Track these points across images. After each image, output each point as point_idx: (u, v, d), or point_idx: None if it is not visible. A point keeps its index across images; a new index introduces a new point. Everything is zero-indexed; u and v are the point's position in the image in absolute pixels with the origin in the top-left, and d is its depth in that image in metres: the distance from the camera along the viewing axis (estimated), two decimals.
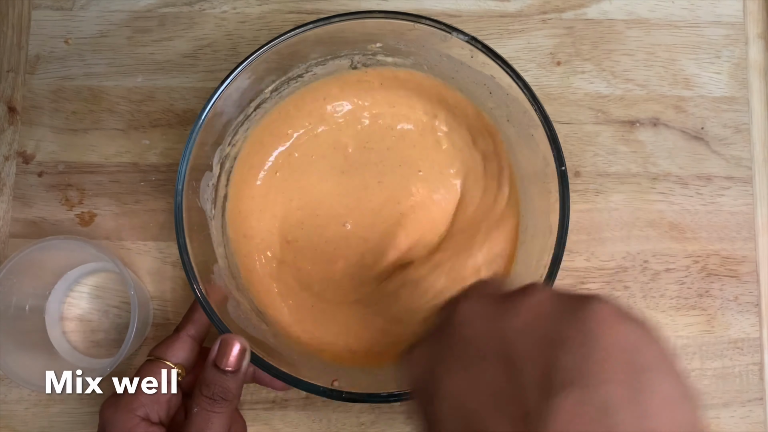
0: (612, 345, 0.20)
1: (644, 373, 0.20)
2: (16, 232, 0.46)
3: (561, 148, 0.37)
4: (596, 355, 0.20)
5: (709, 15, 0.48)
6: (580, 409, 0.19)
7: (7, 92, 0.48)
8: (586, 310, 0.21)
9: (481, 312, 0.23)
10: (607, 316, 0.21)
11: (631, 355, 0.20)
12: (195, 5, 0.48)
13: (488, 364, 0.22)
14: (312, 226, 0.44)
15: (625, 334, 0.21)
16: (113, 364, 0.40)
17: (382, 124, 0.45)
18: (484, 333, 0.22)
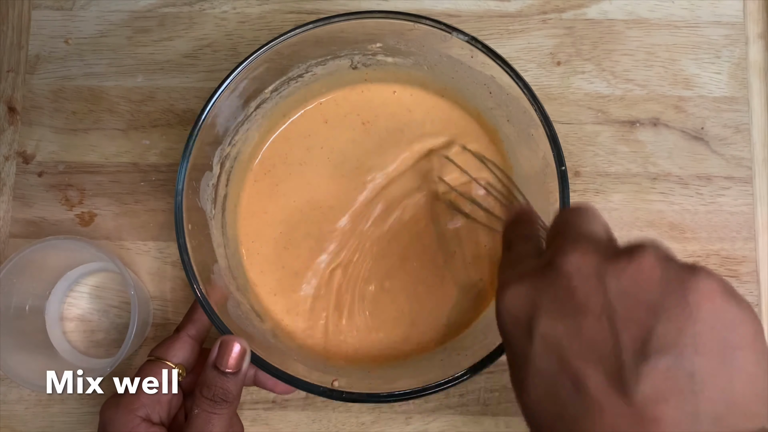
0: (709, 320, 0.22)
1: (735, 350, 0.22)
2: (16, 232, 0.46)
3: (561, 148, 0.37)
4: (693, 328, 0.21)
5: (709, 15, 0.48)
6: (670, 374, 0.21)
7: (7, 92, 0.48)
8: (690, 283, 0.22)
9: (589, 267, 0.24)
10: (710, 291, 0.22)
11: (726, 332, 0.22)
12: (195, 5, 0.48)
13: (590, 318, 0.23)
14: (312, 225, 0.44)
15: (724, 311, 0.22)
16: (113, 364, 0.40)
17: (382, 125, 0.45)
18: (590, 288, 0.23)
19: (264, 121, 0.44)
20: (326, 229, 0.44)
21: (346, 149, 0.45)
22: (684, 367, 0.21)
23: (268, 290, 0.44)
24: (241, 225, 0.44)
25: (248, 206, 0.44)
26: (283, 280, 0.44)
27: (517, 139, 0.42)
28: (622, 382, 0.21)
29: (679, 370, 0.21)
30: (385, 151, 0.45)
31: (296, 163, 0.45)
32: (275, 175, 0.45)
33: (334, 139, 0.45)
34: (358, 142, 0.45)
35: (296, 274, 0.44)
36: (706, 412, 0.21)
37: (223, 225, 0.42)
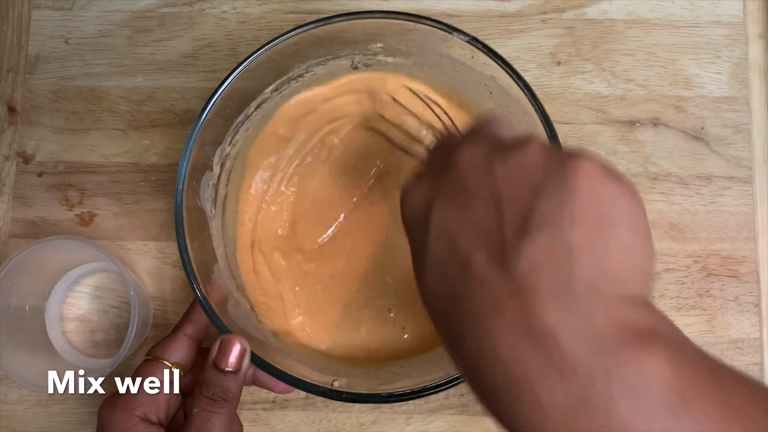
0: (587, 196, 0.23)
1: (612, 223, 0.23)
2: (16, 232, 0.46)
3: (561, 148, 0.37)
4: (571, 204, 0.23)
5: (709, 15, 0.48)
6: (548, 247, 0.22)
7: (7, 92, 0.48)
8: (571, 164, 0.23)
9: (480, 158, 0.26)
10: (589, 171, 0.23)
11: (603, 207, 0.23)
12: (195, 5, 0.48)
13: (478, 203, 0.24)
14: (312, 225, 0.44)
15: (603, 188, 0.23)
16: (113, 364, 0.40)
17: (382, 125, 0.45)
18: (480, 177, 0.25)
19: (264, 121, 0.44)
20: (326, 228, 0.44)
21: (347, 149, 0.45)
22: (561, 239, 0.22)
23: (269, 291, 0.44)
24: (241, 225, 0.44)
25: (248, 206, 0.44)
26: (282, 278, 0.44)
27: None
28: (504, 257, 0.22)
29: (556, 242, 0.22)
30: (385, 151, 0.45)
31: (297, 163, 0.45)
32: (275, 174, 0.45)
33: (335, 139, 0.45)
34: (358, 141, 0.45)
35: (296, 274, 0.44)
36: (581, 280, 0.21)
37: (223, 225, 0.42)
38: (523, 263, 0.22)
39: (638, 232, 0.23)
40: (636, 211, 0.24)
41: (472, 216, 0.24)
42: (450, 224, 0.25)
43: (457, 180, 0.26)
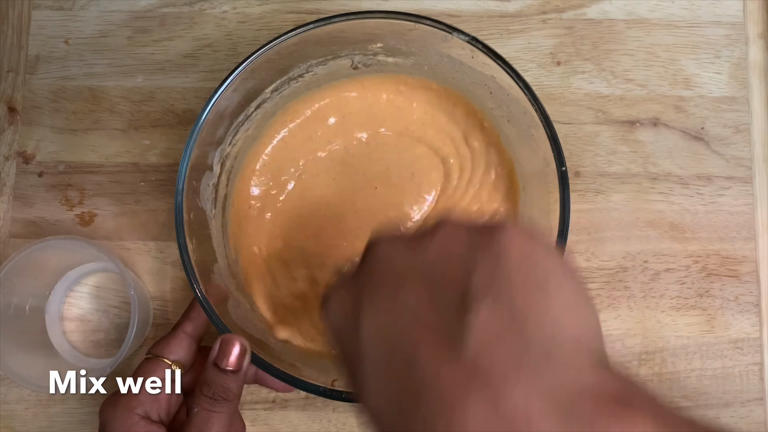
0: (518, 260, 0.22)
1: (547, 282, 0.22)
2: (16, 232, 0.46)
3: (561, 149, 0.37)
4: (504, 271, 0.22)
5: (709, 15, 0.48)
6: (493, 317, 0.21)
7: (7, 92, 0.48)
8: (494, 233, 0.23)
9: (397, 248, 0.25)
10: (512, 237, 0.23)
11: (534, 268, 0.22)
12: (195, 5, 0.48)
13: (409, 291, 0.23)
14: (313, 225, 0.44)
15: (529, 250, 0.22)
16: (113, 364, 0.40)
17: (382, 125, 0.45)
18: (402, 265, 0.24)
19: (264, 121, 0.44)
20: (327, 228, 0.44)
21: (347, 149, 0.45)
22: (503, 305, 0.21)
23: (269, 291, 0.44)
24: (241, 225, 0.44)
25: (248, 206, 0.44)
26: (282, 279, 0.44)
27: (517, 139, 0.42)
28: (450, 342, 0.21)
29: (498, 311, 0.21)
30: (385, 151, 0.45)
31: (297, 163, 0.45)
32: (276, 175, 0.45)
33: (335, 139, 0.45)
34: (358, 141, 0.45)
35: (296, 274, 0.44)
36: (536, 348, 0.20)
37: (223, 225, 0.42)
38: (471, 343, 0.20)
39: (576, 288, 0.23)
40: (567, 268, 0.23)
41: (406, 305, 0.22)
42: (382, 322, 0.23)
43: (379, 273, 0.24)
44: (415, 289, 0.23)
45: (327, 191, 0.44)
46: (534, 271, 0.22)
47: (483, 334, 0.20)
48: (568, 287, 0.22)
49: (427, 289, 0.22)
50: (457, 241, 0.23)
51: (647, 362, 0.44)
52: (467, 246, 0.23)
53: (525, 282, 0.22)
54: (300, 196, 0.44)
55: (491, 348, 0.20)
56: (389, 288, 0.23)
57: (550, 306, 0.21)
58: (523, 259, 0.22)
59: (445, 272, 0.23)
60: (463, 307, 0.21)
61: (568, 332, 0.21)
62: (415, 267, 0.23)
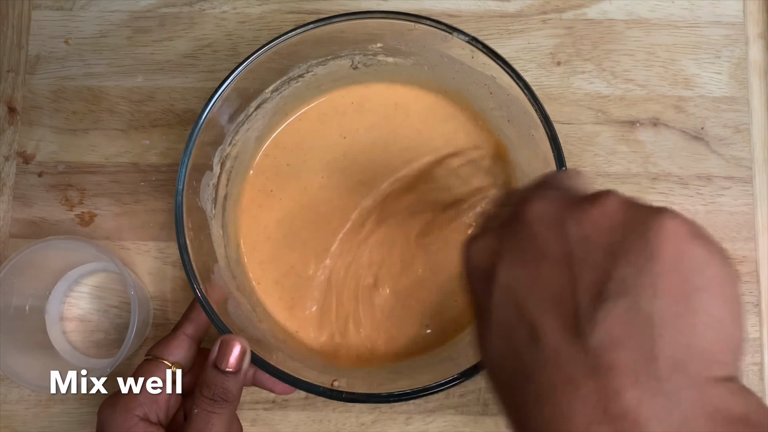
0: (672, 262, 0.20)
1: (700, 292, 0.20)
2: (16, 232, 0.46)
3: (561, 149, 0.37)
4: (654, 270, 0.20)
5: (709, 15, 0.48)
6: (627, 318, 0.20)
7: (7, 92, 0.48)
8: (654, 223, 0.21)
9: (552, 214, 0.23)
10: (674, 232, 0.21)
11: (689, 274, 0.20)
12: (195, 5, 0.48)
13: (549, 264, 0.22)
14: (313, 225, 0.44)
15: (689, 253, 0.21)
16: (113, 364, 0.40)
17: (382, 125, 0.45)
18: (551, 235, 0.23)
19: (264, 121, 0.44)
20: (327, 229, 0.44)
21: (347, 149, 0.45)
22: (642, 310, 0.20)
23: (269, 290, 0.44)
24: (241, 225, 0.44)
25: (249, 206, 0.44)
26: (283, 280, 0.44)
27: (517, 139, 0.42)
28: (578, 328, 0.20)
29: (636, 313, 0.20)
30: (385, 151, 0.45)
31: (297, 163, 0.45)
32: (276, 175, 0.45)
33: (335, 139, 0.45)
34: (358, 142, 0.45)
35: (297, 275, 0.44)
36: (665, 357, 0.19)
37: (223, 225, 0.42)
38: (599, 335, 0.20)
39: (729, 303, 0.21)
40: (727, 280, 0.21)
41: (542, 278, 0.22)
42: (517, 286, 0.23)
43: (525, 236, 0.23)
44: (559, 262, 0.22)
45: (327, 190, 0.44)
46: (687, 276, 0.20)
47: (613, 330, 0.20)
48: (720, 303, 0.21)
49: (570, 265, 0.22)
50: (613, 221, 0.22)
51: None
52: (622, 230, 0.21)
53: (673, 287, 0.20)
54: (301, 195, 0.44)
55: (618, 345, 0.20)
56: (534, 253, 0.23)
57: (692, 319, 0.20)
58: (678, 261, 0.21)
59: (592, 254, 0.21)
60: (599, 298, 0.20)
61: (704, 346, 0.20)
62: (563, 238, 0.22)
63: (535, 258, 0.23)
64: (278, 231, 0.44)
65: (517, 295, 0.22)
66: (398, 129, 0.45)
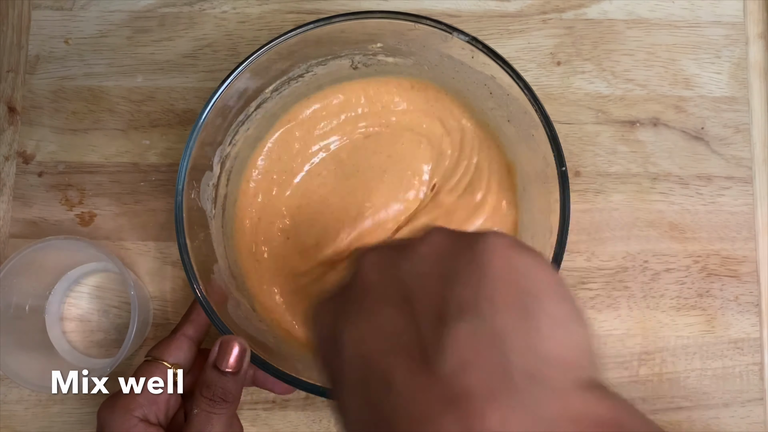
0: (502, 274, 0.21)
1: (534, 298, 0.20)
2: (16, 232, 0.46)
3: (561, 149, 0.37)
4: (488, 285, 0.20)
5: (709, 15, 0.48)
6: (472, 337, 0.19)
7: (7, 92, 0.48)
8: (479, 244, 0.21)
9: (383, 261, 0.23)
10: (498, 248, 0.21)
11: (521, 283, 0.21)
12: (195, 5, 0.48)
13: (388, 308, 0.22)
14: (313, 225, 0.44)
15: (516, 264, 0.21)
16: (113, 364, 0.40)
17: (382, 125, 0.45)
18: (386, 280, 0.23)
19: (264, 121, 0.44)
20: (327, 228, 0.44)
21: (347, 149, 0.45)
22: (485, 326, 0.19)
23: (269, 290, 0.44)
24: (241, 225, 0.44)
25: (249, 206, 0.44)
26: (283, 280, 0.44)
27: (517, 139, 0.42)
28: (426, 360, 0.19)
29: (479, 331, 0.19)
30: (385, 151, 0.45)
31: (297, 163, 0.45)
32: (276, 175, 0.45)
33: (335, 139, 0.45)
34: (358, 142, 0.45)
35: (297, 274, 0.44)
36: (519, 370, 0.19)
37: (223, 225, 0.42)
38: (449, 361, 0.19)
39: (565, 302, 0.21)
40: (556, 280, 0.21)
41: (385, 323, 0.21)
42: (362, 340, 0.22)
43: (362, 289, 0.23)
44: (397, 303, 0.21)
45: (328, 189, 0.44)
46: (520, 285, 0.21)
47: (460, 354, 0.19)
48: (558, 304, 0.21)
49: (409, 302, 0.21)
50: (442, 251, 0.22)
51: (647, 362, 0.44)
52: (451, 257, 0.22)
53: (509, 297, 0.20)
54: (301, 194, 0.44)
55: (469, 368, 0.19)
56: (369, 304, 0.22)
57: (536, 325, 0.20)
58: (508, 272, 0.21)
59: (427, 286, 0.21)
60: (440, 323, 0.20)
61: (555, 353, 0.20)
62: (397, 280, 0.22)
63: (374, 306, 0.22)
64: (278, 231, 0.44)
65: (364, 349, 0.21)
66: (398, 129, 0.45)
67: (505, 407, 0.18)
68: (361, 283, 0.23)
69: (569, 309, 0.21)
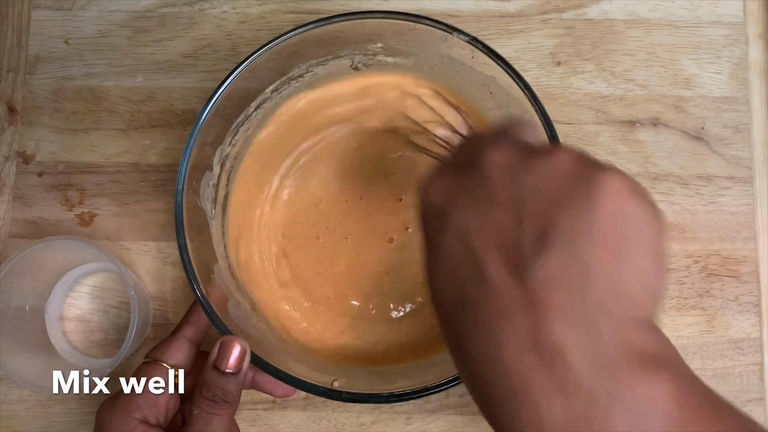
0: (610, 215, 0.22)
1: (630, 245, 0.22)
2: (16, 232, 0.46)
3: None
4: (592, 221, 0.22)
5: (709, 15, 0.48)
6: (564, 263, 0.22)
7: (7, 92, 0.48)
8: (597, 178, 0.23)
9: (507, 162, 0.25)
10: (615, 187, 0.23)
11: (624, 228, 0.22)
12: (195, 5, 0.48)
13: (499, 209, 0.24)
14: (313, 225, 0.44)
15: (627, 208, 0.23)
16: (113, 365, 0.40)
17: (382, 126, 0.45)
18: (504, 182, 0.24)
19: (264, 121, 0.44)
20: (327, 228, 0.44)
21: (347, 149, 0.45)
22: (577, 256, 0.22)
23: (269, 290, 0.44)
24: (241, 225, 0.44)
25: (249, 206, 0.44)
26: (283, 280, 0.44)
27: None
28: (519, 267, 0.22)
29: (572, 258, 0.22)
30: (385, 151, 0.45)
31: (298, 161, 0.45)
32: (276, 174, 0.45)
33: (335, 139, 0.45)
34: (358, 142, 0.45)
35: (297, 274, 0.44)
36: (593, 299, 0.21)
37: (223, 225, 0.42)
38: (537, 276, 0.22)
39: (656, 255, 0.23)
40: (657, 234, 0.23)
41: (492, 221, 0.24)
42: (468, 225, 0.24)
43: (480, 181, 0.25)
44: (508, 208, 0.24)
45: (327, 190, 0.44)
46: (621, 230, 0.22)
47: (549, 274, 0.22)
48: (648, 252, 0.23)
49: (518, 211, 0.23)
50: (562, 174, 0.23)
51: None
52: (569, 182, 0.23)
53: (607, 238, 0.22)
54: (300, 195, 0.44)
55: (552, 285, 0.21)
56: (486, 198, 0.24)
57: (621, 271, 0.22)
58: (615, 215, 0.22)
59: (539, 202, 0.23)
60: (541, 242, 0.22)
61: (629, 294, 0.22)
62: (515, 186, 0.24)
63: (486, 202, 0.24)
64: (278, 231, 0.44)
65: (467, 235, 0.24)
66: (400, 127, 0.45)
67: (570, 326, 0.21)
68: (483, 175, 0.25)
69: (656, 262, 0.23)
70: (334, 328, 0.43)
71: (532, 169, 0.24)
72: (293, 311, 0.43)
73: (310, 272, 0.44)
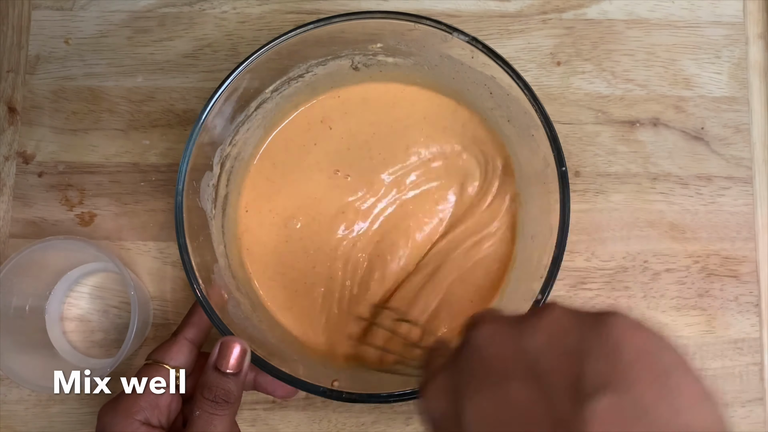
0: (634, 351, 0.21)
1: (670, 373, 0.21)
2: (16, 232, 0.46)
3: (561, 149, 0.37)
4: (623, 360, 0.21)
5: (709, 15, 0.48)
6: (616, 409, 0.20)
7: (7, 92, 0.48)
8: (605, 322, 0.22)
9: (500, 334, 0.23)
10: (625, 325, 0.22)
11: (654, 359, 0.21)
12: (195, 5, 0.48)
13: (514, 382, 0.22)
14: (313, 225, 0.44)
15: (645, 341, 0.21)
16: (113, 365, 0.40)
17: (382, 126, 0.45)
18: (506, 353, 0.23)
19: (264, 121, 0.44)
20: (327, 228, 0.44)
21: (347, 149, 0.45)
22: (627, 398, 0.20)
23: (269, 290, 0.44)
24: (241, 225, 0.44)
25: (249, 206, 0.44)
26: (283, 280, 0.44)
27: (517, 139, 0.42)
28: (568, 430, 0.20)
29: (621, 403, 0.20)
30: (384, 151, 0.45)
31: (296, 163, 0.45)
32: (275, 174, 0.45)
33: (335, 139, 0.45)
34: (358, 142, 0.45)
35: (297, 274, 0.44)
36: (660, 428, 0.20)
37: (223, 225, 0.42)
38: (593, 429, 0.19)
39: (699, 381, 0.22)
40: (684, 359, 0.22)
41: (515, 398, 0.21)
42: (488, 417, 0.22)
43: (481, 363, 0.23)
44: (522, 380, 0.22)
45: (327, 190, 0.44)
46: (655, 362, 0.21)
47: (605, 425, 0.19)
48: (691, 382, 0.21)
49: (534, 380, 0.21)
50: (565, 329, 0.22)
51: None
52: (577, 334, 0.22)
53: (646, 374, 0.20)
54: (300, 195, 0.44)
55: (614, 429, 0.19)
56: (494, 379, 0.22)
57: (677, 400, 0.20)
58: (641, 352, 0.21)
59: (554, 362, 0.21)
60: (580, 398, 0.20)
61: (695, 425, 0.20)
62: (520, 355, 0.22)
63: (498, 380, 0.22)
64: (278, 231, 0.44)
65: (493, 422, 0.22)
66: (398, 129, 0.45)
67: None
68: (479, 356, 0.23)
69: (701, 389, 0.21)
70: (334, 328, 0.43)
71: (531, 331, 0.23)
72: (293, 312, 0.43)
73: (309, 274, 0.44)
